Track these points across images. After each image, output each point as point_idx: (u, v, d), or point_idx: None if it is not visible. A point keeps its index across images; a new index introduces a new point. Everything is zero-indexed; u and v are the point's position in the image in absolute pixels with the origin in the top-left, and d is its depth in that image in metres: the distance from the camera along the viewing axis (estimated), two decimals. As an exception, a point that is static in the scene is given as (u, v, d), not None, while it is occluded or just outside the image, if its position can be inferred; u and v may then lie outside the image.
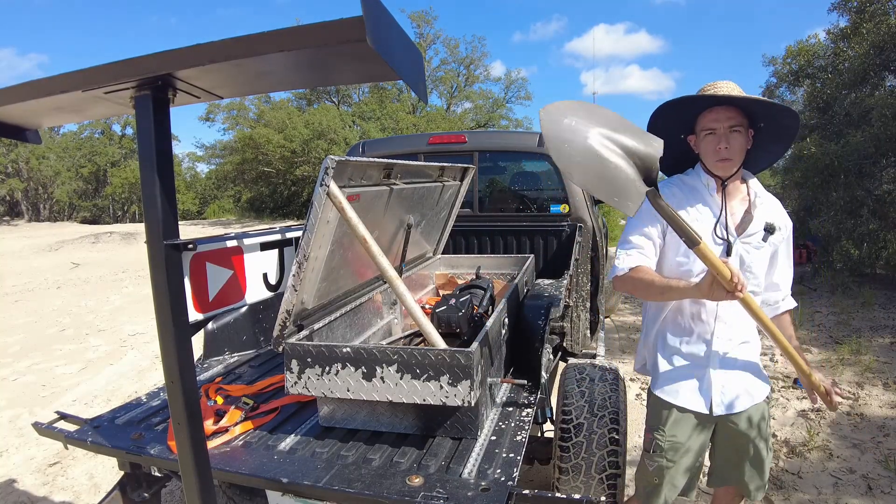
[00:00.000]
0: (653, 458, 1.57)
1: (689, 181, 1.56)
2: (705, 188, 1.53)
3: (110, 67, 0.85)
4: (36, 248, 13.94)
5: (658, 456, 1.56)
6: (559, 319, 2.26)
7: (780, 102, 1.50)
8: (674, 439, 1.55)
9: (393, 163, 1.84)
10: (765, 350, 4.35)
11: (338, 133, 21.94)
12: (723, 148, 1.45)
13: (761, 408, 1.56)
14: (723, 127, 1.45)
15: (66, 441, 1.60)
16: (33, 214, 29.73)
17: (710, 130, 1.47)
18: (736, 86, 1.49)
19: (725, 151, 1.45)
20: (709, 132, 1.48)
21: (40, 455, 3.00)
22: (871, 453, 2.69)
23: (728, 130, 1.45)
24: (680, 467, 1.57)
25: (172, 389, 1.02)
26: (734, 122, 1.45)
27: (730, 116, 1.45)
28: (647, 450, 1.60)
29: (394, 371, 1.42)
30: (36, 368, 4.52)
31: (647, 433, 1.63)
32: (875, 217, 6.23)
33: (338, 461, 1.39)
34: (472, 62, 27.42)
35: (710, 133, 1.47)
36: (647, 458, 1.60)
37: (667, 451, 1.55)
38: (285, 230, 2.59)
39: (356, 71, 0.86)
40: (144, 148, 0.95)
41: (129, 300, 7.32)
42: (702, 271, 1.44)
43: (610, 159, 1.27)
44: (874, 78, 6.68)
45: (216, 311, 2.18)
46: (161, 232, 0.95)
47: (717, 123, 1.46)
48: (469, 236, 3.48)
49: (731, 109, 1.45)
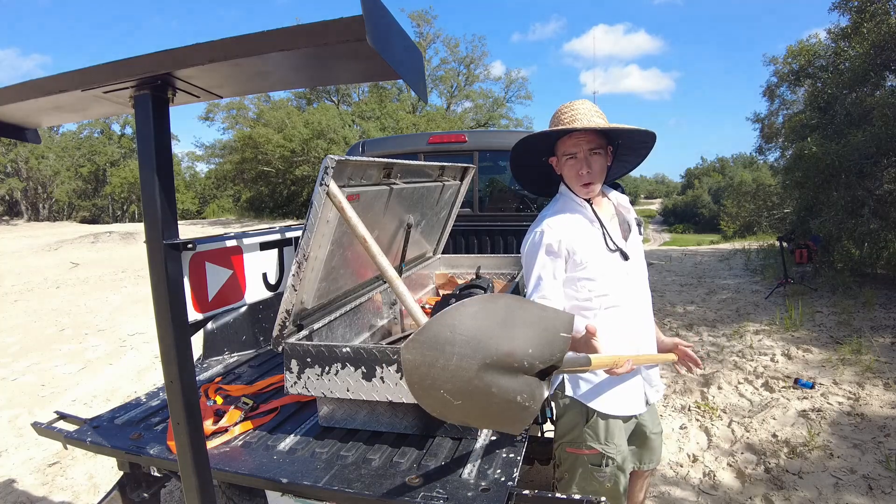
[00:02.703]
0: (602, 471, 1.56)
1: (567, 207, 1.59)
2: (582, 209, 1.57)
3: (110, 67, 0.84)
4: (35, 248, 13.94)
5: (611, 467, 1.55)
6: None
7: (630, 127, 1.50)
8: (622, 445, 1.58)
9: (393, 162, 1.84)
10: (764, 350, 4.35)
11: (337, 132, 21.96)
12: (584, 173, 1.51)
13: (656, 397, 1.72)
14: (582, 151, 1.51)
15: (66, 441, 1.60)
16: (32, 214, 29.73)
17: (570, 155, 1.53)
18: (592, 105, 1.55)
19: (587, 176, 1.52)
20: (569, 157, 1.53)
21: (39, 455, 3.00)
22: (872, 453, 2.68)
23: (588, 153, 1.51)
24: (626, 466, 1.60)
25: (172, 389, 1.01)
26: (593, 146, 1.51)
27: (589, 140, 1.50)
28: (595, 464, 1.55)
29: (394, 371, 1.42)
30: (35, 368, 4.51)
31: (587, 450, 1.55)
32: (876, 217, 6.22)
33: (337, 461, 1.39)
34: (472, 61, 27.46)
35: (571, 157, 1.53)
36: (596, 473, 1.56)
37: (618, 459, 1.56)
38: (285, 230, 2.59)
39: (356, 70, 0.86)
40: (144, 147, 0.94)
41: (129, 300, 7.32)
42: (602, 292, 1.53)
43: (500, 391, 1.03)
44: (875, 77, 6.68)
45: (216, 311, 2.18)
46: (160, 231, 0.95)
47: (577, 148, 1.51)
48: (469, 236, 3.48)
49: (589, 133, 1.50)
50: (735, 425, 3.10)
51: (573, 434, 1.57)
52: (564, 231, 1.52)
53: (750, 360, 4.15)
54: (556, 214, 1.58)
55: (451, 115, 25.85)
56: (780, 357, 4.17)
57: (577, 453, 1.57)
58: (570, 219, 1.56)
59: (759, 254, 9.65)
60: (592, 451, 1.55)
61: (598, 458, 1.55)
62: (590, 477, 1.57)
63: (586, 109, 1.53)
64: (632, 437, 1.69)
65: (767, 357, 4.20)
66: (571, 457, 1.59)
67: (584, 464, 1.57)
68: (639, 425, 1.69)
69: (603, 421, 1.54)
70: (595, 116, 1.52)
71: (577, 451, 1.57)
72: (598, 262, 1.53)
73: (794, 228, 8.42)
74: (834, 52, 8.17)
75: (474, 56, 27.44)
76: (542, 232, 1.53)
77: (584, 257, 1.52)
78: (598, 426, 1.54)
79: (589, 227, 1.56)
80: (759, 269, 8.24)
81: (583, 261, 1.52)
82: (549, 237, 1.51)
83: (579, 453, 1.57)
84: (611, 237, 1.56)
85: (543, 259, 1.52)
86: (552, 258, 1.51)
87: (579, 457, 1.57)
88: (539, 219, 1.60)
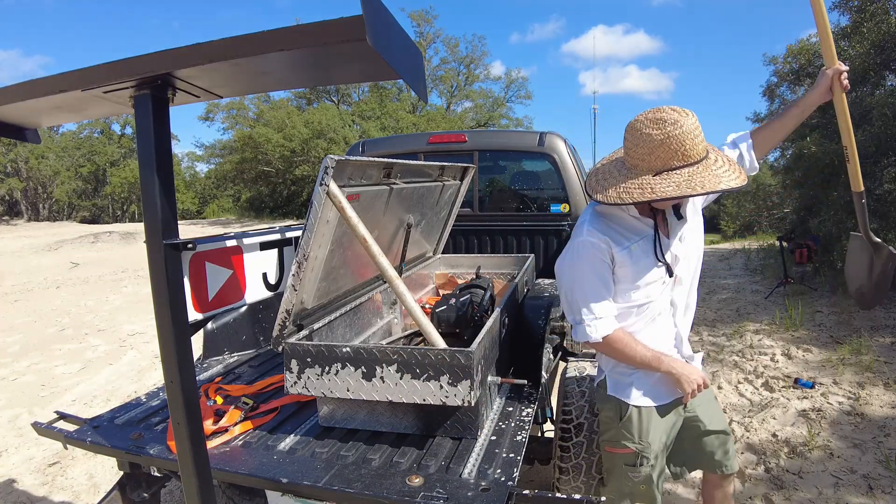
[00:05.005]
0: (637, 470, 1.53)
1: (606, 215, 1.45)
2: (625, 212, 1.44)
3: (109, 67, 0.84)
4: (35, 248, 13.94)
5: (646, 466, 1.52)
6: (559, 319, 2.26)
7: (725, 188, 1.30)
8: (659, 442, 1.53)
9: (393, 162, 1.84)
10: (764, 350, 4.35)
11: (337, 132, 21.94)
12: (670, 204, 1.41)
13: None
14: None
15: (66, 441, 1.60)
16: (32, 214, 29.71)
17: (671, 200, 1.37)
18: (707, 144, 1.33)
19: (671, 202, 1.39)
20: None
21: (39, 455, 3.00)
22: (872, 453, 2.68)
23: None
24: (661, 464, 1.57)
25: (172, 389, 1.02)
26: None
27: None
28: (630, 464, 1.53)
29: (394, 371, 1.42)
30: (35, 368, 4.51)
31: (622, 448, 1.54)
32: (876, 217, 6.21)
33: (338, 461, 1.39)
34: (472, 61, 27.44)
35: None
36: (631, 473, 1.53)
37: (653, 459, 1.52)
38: (285, 230, 2.59)
39: (356, 70, 0.86)
40: (144, 147, 0.94)
41: (129, 300, 7.32)
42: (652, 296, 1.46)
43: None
44: (875, 77, 6.67)
45: (216, 311, 2.18)
46: (160, 231, 0.95)
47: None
48: (469, 236, 3.48)
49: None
50: (735, 425, 3.10)
51: (610, 432, 1.56)
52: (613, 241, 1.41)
53: (750, 360, 4.15)
54: (600, 220, 1.44)
55: (451, 115, 25.82)
56: (780, 357, 4.17)
57: (613, 452, 1.56)
58: (617, 229, 1.44)
59: (759, 253, 9.64)
60: (627, 450, 1.53)
61: (632, 458, 1.52)
62: (624, 477, 1.55)
63: (711, 160, 1.30)
64: (684, 435, 1.62)
65: (767, 357, 4.20)
66: (609, 456, 1.59)
67: (619, 463, 1.55)
68: (689, 421, 1.60)
69: (637, 415, 1.50)
70: (723, 170, 1.29)
71: (613, 451, 1.56)
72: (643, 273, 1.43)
73: (793, 228, 8.41)
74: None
75: (474, 56, 27.43)
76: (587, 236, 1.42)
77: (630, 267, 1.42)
78: (633, 422, 1.50)
79: (636, 236, 1.44)
80: (758, 268, 8.23)
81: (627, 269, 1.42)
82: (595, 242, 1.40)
83: (615, 452, 1.55)
84: (661, 246, 1.43)
85: (594, 275, 1.42)
86: (603, 271, 1.42)
87: (616, 456, 1.55)
88: (584, 220, 1.47)
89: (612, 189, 1.32)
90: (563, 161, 3.24)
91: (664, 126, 1.25)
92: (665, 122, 1.25)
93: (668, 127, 1.24)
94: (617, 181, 1.33)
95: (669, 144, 1.24)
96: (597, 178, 1.41)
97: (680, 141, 1.24)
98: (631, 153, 1.32)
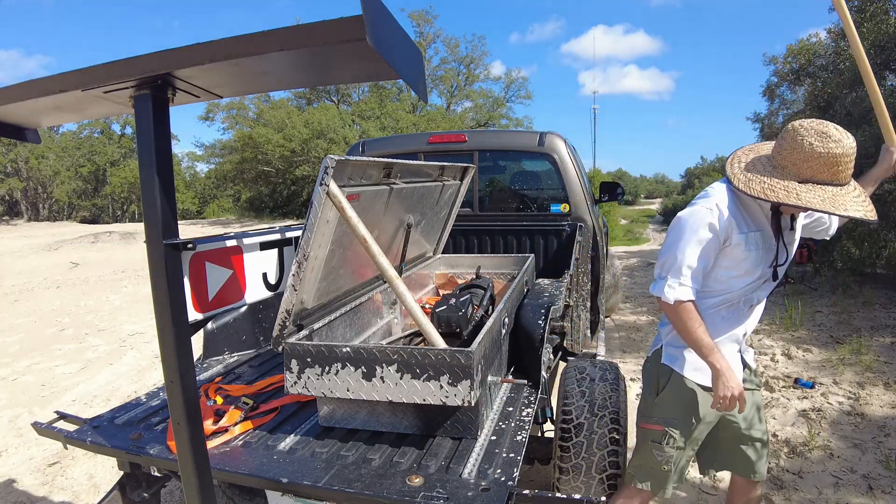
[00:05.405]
0: (663, 449, 1.54)
1: (740, 198, 1.46)
2: (760, 211, 1.47)
3: (110, 67, 0.84)
4: (35, 248, 13.93)
5: (671, 447, 1.53)
6: (559, 319, 2.26)
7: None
8: (689, 424, 1.52)
9: (393, 162, 1.84)
10: (765, 350, 4.35)
11: (337, 132, 21.92)
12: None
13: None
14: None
15: (66, 441, 1.60)
16: (32, 214, 29.70)
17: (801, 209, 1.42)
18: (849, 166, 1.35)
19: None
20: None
21: (39, 455, 3.00)
22: (872, 453, 2.68)
23: None
24: (689, 453, 1.57)
25: (172, 389, 1.02)
26: None
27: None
28: (656, 441, 1.55)
29: (394, 371, 1.42)
30: (35, 368, 4.51)
31: (651, 424, 1.57)
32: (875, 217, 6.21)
33: (338, 461, 1.39)
34: (472, 61, 27.42)
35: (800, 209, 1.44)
36: (655, 450, 1.55)
37: (680, 441, 1.53)
38: (285, 230, 2.59)
39: (356, 70, 0.86)
40: (144, 147, 0.95)
41: (129, 300, 7.32)
42: (744, 286, 1.49)
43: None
44: (875, 77, 6.68)
45: (216, 311, 2.18)
46: (160, 231, 0.95)
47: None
48: (469, 236, 3.48)
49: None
50: (735, 425, 3.10)
51: (646, 405, 1.61)
52: (739, 226, 1.43)
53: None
54: (732, 203, 1.44)
55: (451, 115, 25.81)
56: (780, 357, 4.17)
57: (644, 428, 1.60)
58: (745, 215, 1.47)
59: (759, 253, 9.62)
60: (656, 426, 1.55)
61: (659, 436, 1.55)
62: (648, 454, 1.58)
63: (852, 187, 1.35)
64: (722, 435, 1.63)
65: (767, 357, 4.20)
66: (641, 431, 1.62)
67: (646, 439, 1.58)
68: (730, 422, 1.61)
69: (682, 388, 1.52)
70: (861, 199, 1.34)
71: (644, 426, 1.60)
72: (749, 263, 1.46)
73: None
74: (834, 51, 8.16)
75: (474, 56, 27.42)
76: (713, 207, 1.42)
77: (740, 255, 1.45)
78: (667, 395, 1.53)
79: (762, 235, 1.46)
80: (759, 268, 8.22)
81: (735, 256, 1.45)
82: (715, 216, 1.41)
83: (646, 427, 1.59)
84: (777, 251, 1.46)
85: (707, 242, 1.42)
86: (715, 244, 1.43)
87: (646, 431, 1.59)
88: (719, 192, 1.46)
89: (758, 182, 1.37)
90: (563, 161, 3.24)
91: (827, 141, 1.29)
92: (829, 138, 1.29)
93: (830, 143, 1.29)
94: (762, 176, 1.38)
95: (826, 159, 1.29)
96: (741, 166, 1.44)
97: (837, 159, 1.29)
98: (784, 154, 1.36)
